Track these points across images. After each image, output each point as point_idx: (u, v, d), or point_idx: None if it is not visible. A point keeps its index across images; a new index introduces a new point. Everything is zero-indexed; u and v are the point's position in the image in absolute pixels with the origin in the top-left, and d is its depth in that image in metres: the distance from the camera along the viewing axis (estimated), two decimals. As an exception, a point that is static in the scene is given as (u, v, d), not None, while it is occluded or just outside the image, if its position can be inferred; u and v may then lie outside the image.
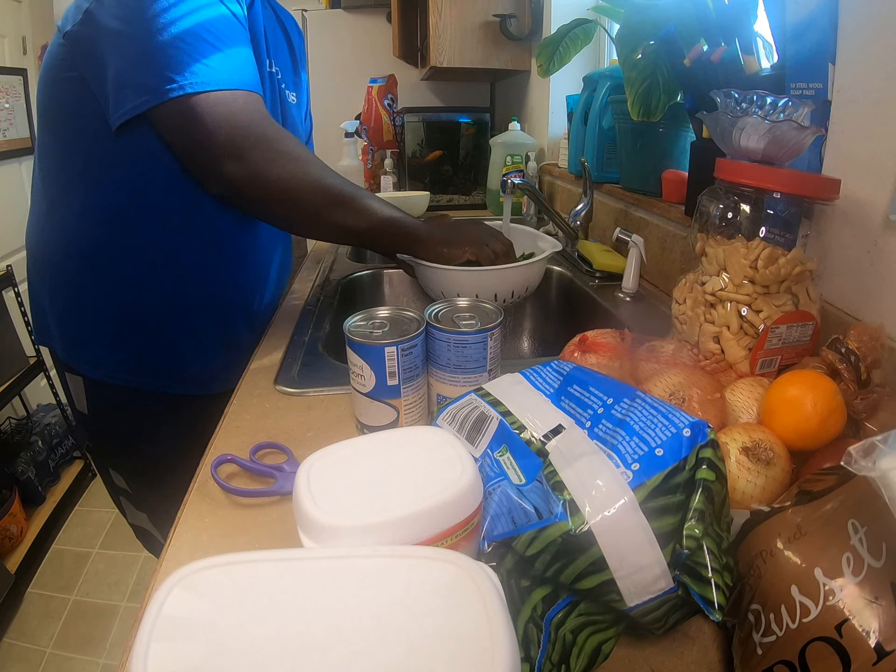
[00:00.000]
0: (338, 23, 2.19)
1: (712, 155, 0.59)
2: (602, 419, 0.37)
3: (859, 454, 0.27)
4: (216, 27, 0.65)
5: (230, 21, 0.67)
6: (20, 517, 1.71)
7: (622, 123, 1.02)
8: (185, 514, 0.46)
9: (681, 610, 0.33)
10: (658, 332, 0.64)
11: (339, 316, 0.82)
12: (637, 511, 0.31)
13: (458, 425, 0.43)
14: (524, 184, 1.06)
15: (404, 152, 1.82)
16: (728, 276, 0.54)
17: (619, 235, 0.93)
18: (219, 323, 0.83)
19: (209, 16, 0.64)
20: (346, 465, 0.35)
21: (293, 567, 0.27)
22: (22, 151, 2.25)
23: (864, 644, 0.26)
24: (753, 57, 0.70)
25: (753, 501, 0.39)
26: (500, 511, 0.35)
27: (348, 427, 0.57)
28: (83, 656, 1.48)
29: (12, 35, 2.21)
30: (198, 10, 0.63)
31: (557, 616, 0.32)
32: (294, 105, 0.91)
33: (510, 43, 1.60)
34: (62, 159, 0.73)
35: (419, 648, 0.23)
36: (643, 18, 0.81)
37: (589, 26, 1.10)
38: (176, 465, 0.63)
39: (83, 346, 0.79)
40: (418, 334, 0.51)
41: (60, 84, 0.69)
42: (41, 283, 0.81)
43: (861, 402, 0.44)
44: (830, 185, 0.54)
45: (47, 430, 1.95)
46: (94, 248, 0.74)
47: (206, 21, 0.64)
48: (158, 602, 0.24)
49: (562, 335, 0.70)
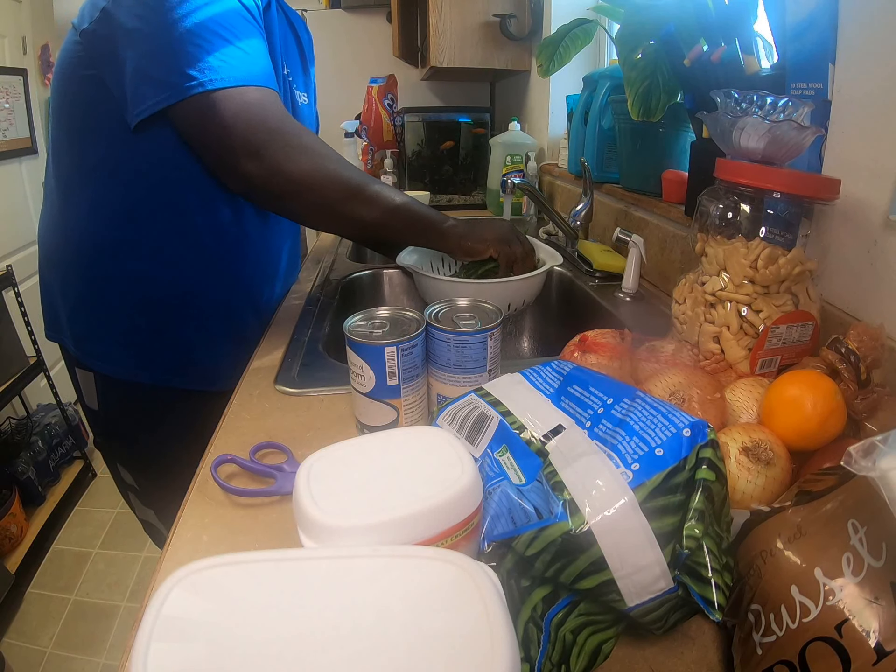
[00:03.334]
0: (338, 23, 2.19)
1: (712, 155, 0.59)
2: (602, 419, 0.37)
3: (859, 454, 0.27)
4: (231, 21, 0.65)
5: (243, 14, 0.67)
6: (20, 517, 1.71)
7: (622, 123, 1.02)
8: (185, 514, 0.46)
9: (681, 610, 0.33)
10: (658, 332, 0.64)
11: (339, 316, 0.82)
12: (637, 511, 0.31)
13: (458, 425, 0.43)
14: (524, 184, 1.06)
15: (404, 152, 1.82)
16: (728, 276, 0.54)
17: (619, 235, 0.93)
18: (228, 318, 0.83)
19: (222, 10, 0.65)
20: (346, 465, 0.35)
21: (293, 567, 0.27)
22: (22, 151, 2.25)
23: (864, 644, 0.26)
24: (753, 57, 0.70)
25: (753, 501, 0.39)
26: (500, 511, 0.35)
27: (348, 427, 0.57)
28: (83, 656, 1.48)
29: (12, 35, 2.21)
30: (211, 4, 0.64)
31: (557, 616, 0.32)
32: (305, 106, 0.92)
33: (510, 43, 1.60)
34: (75, 156, 0.74)
35: (419, 648, 0.23)
36: (643, 18, 0.81)
37: (589, 26, 1.10)
38: (183, 463, 0.63)
39: (94, 341, 0.80)
40: (418, 334, 0.51)
41: (76, 82, 0.70)
42: (53, 279, 0.82)
43: (861, 402, 0.44)
44: (830, 185, 0.54)
45: (47, 430, 1.95)
46: (105, 244, 0.75)
47: (220, 15, 0.64)
48: (158, 602, 0.24)
49: (562, 335, 0.70)
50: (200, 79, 0.61)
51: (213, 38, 0.63)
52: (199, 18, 0.62)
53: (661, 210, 0.95)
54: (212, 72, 0.62)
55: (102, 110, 0.68)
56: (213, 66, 0.62)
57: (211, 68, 0.62)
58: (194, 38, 0.62)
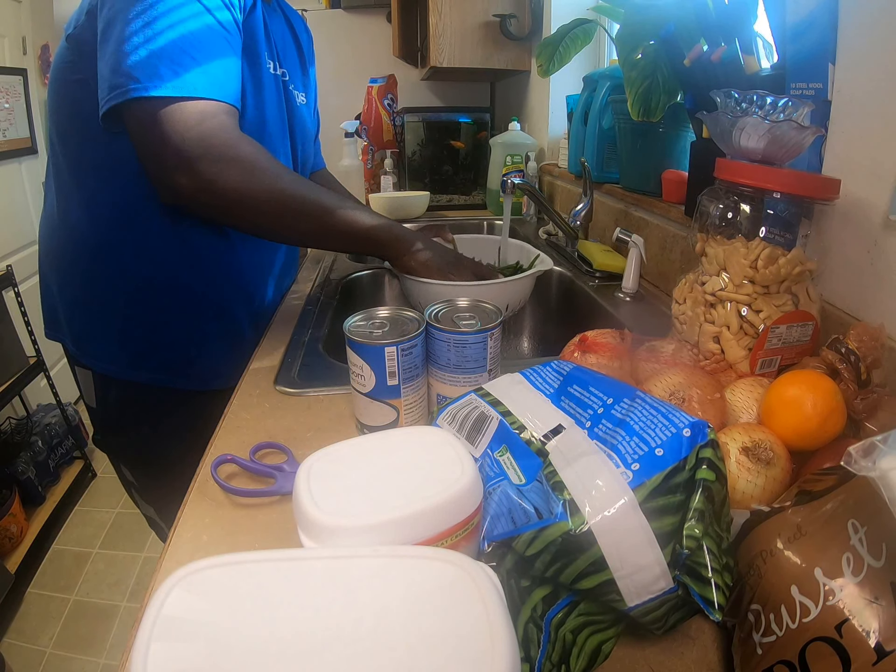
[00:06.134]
0: (338, 23, 2.19)
1: (712, 155, 0.59)
2: (602, 419, 0.37)
3: (859, 454, 0.27)
4: (196, 36, 0.64)
5: (214, 30, 0.66)
6: (20, 517, 1.71)
7: (622, 123, 1.02)
8: (185, 514, 0.46)
9: (681, 610, 0.33)
10: (658, 332, 0.64)
11: (339, 316, 0.82)
12: (637, 511, 0.31)
13: (458, 425, 0.43)
14: (524, 184, 1.06)
15: (404, 152, 1.82)
16: (728, 276, 0.54)
17: (619, 235, 0.93)
18: (223, 319, 0.84)
19: (193, 25, 0.64)
20: (346, 465, 0.35)
21: (293, 567, 0.27)
22: (22, 151, 2.25)
23: (864, 644, 0.26)
24: (753, 57, 0.70)
25: (753, 501, 0.39)
26: (500, 511, 0.35)
27: (348, 427, 0.57)
28: (83, 656, 1.48)
29: (12, 35, 2.21)
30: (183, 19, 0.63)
31: (557, 616, 0.32)
32: (304, 106, 0.92)
33: (510, 43, 1.60)
34: (70, 157, 0.75)
35: (419, 648, 0.23)
36: (643, 18, 0.81)
37: (589, 26, 1.10)
38: (181, 461, 0.63)
39: (91, 340, 0.81)
40: (418, 334, 0.51)
41: (66, 86, 0.72)
42: (52, 278, 0.83)
43: (861, 402, 0.44)
44: (830, 185, 0.54)
45: (47, 430, 1.95)
46: (99, 245, 0.75)
47: (189, 30, 0.64)
48: (158, 602, 0.24)
49: (562, 335, 0.70)
50: (145, 83, 0.61)
51: (172, 49, 0.62)
52: (160, 27, 0.62)
53: (661, 210, 0.95)
54: (158, 79, 0.61)
55: (91, 113, 0.68)
56: (160, 74, 0.61)
57: (158, 75, 0.61)
58: (150, 44, 0.61)
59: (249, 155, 0.66)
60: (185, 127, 0.62)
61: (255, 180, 0.66)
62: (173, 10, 0.63)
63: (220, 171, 0.64)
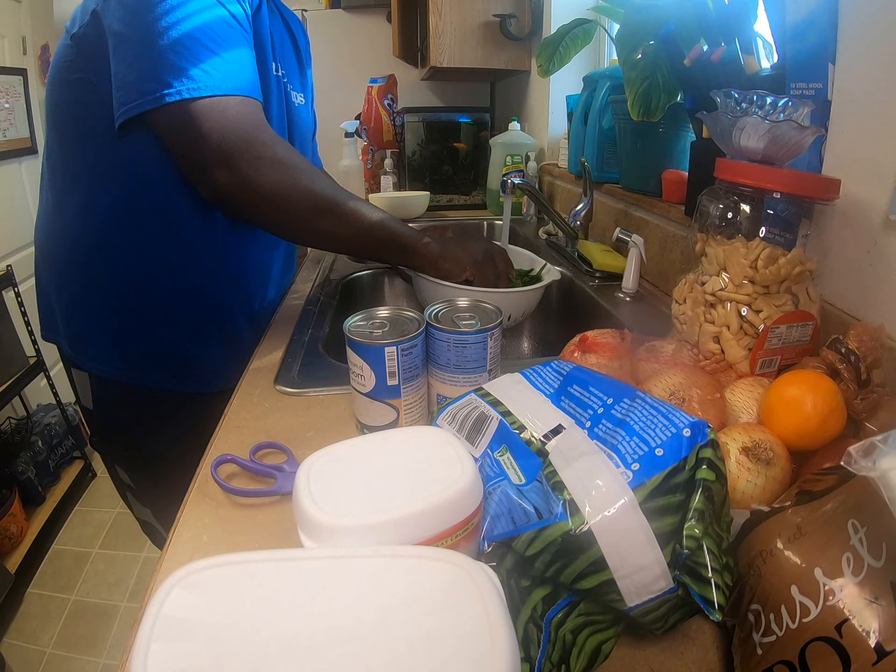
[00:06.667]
0: (338, 23, 2.19)
1: (712, 155, 0.59)
2: (602, 419, 0.37)
3: (859, 454, 0.27)
4: (215, 30, 0.65)
5: (230, 23, 0.67)
6: (20, 517, 1.71)
7: (622, 123, 1.02)
8: (185, 514, 0.46)
9: (681, 610, 0.33)
10: (658, 332, 0.64)
11: (339, 316, 0.82)
12: (637, 511, 0.31)
13: (458, 425, 0.43)
14: (524, 184, 1.06)
15: (404, 152, 1.82)
16: (728, 276, 0.54)
17: (619, 235, 0.93)
18: (220, 321, 0.83)
19: (208, 18, 0.65)
20: (346, 465, 0.35)
21: (293, 567, 0.27)
22: (22, 151, 2.25)
23: (864, 644, 0.26)
24: (753, 57, 0.70)
25: (753, 501, 0.39)
26: (500, 511, 0.35)
27: (348, 427, 0.57)
28: (83, 656, 1.48)
29: (12, 35, 2.21)
30: (197, 12, 0.64)
31: (557, 616, 0.32)
32: (301, 106, 0.92)
33: (510, 43, 1.59)
34: (67, 157, 0.74)
35: (419, 648, 0.23)
36: (643, 18, 0.81)
37: (589, 26, 1.10)
38: (179, 463, 0.63)
39: (88, 342, 0.80)
40: (418, 334, 0.51)
41: (67, 85, 0.71)
42: (48, 279, 0.82)
43: (861, 402, 0.44)
44: (830, 185, 0.54)
45: (47, 430, 1.95)
46: (96, 246, 0.75)
47: (206, 24, 0.64)
48: (158, 602, 0.24)
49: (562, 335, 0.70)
50: (178, 87, 0.62)
51: (195, 47, 0.63)
52: (182, 27, 0.62)
53: (661, 210, 0.95)
54: (190, 81, 0.62)
55: (92, 113, 0.68)
56: (191, 76, 0.62)
57: (189, 77, 0.62)
58: (176, 46, 0.62)
59: (288, 155, 0.68)
60: (221, 125, 0.64)
61: (293, 181, 0.68)
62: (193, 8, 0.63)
63: (259, 169, 0.66)
